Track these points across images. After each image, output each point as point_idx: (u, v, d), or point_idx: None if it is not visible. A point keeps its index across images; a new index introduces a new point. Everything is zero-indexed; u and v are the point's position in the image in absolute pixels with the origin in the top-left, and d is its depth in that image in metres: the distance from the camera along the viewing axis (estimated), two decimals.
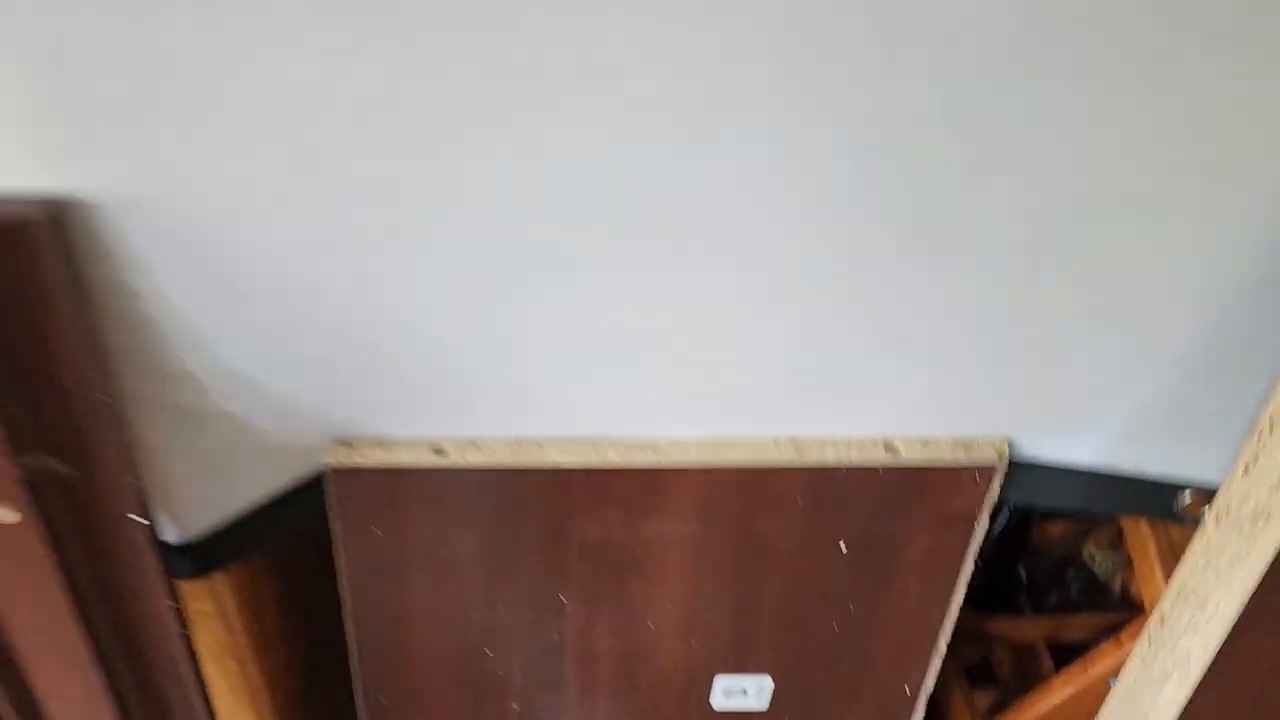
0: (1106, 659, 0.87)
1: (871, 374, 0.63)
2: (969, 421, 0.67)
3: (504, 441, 0.65)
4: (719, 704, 0.79)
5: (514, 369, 0.61)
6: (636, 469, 0.66)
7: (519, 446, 0.65)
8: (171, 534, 0.59)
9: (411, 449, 0.65)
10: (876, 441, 0.67)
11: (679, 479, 0.67)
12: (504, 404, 0.63)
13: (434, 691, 0.76)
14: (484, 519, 0.67)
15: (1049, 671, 1.07)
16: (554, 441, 0.66)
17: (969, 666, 1.08)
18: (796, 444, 0.67)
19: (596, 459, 0.66)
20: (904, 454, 0.67)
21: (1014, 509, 1.04)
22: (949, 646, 0.78)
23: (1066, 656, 0.95)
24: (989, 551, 0.96)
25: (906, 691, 0.80)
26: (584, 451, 0.66)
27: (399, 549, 0.68)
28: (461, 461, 0.65)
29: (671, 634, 0.74)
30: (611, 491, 0.67)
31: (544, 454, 0.65)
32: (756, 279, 0.56)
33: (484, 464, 0.65)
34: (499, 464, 0.65)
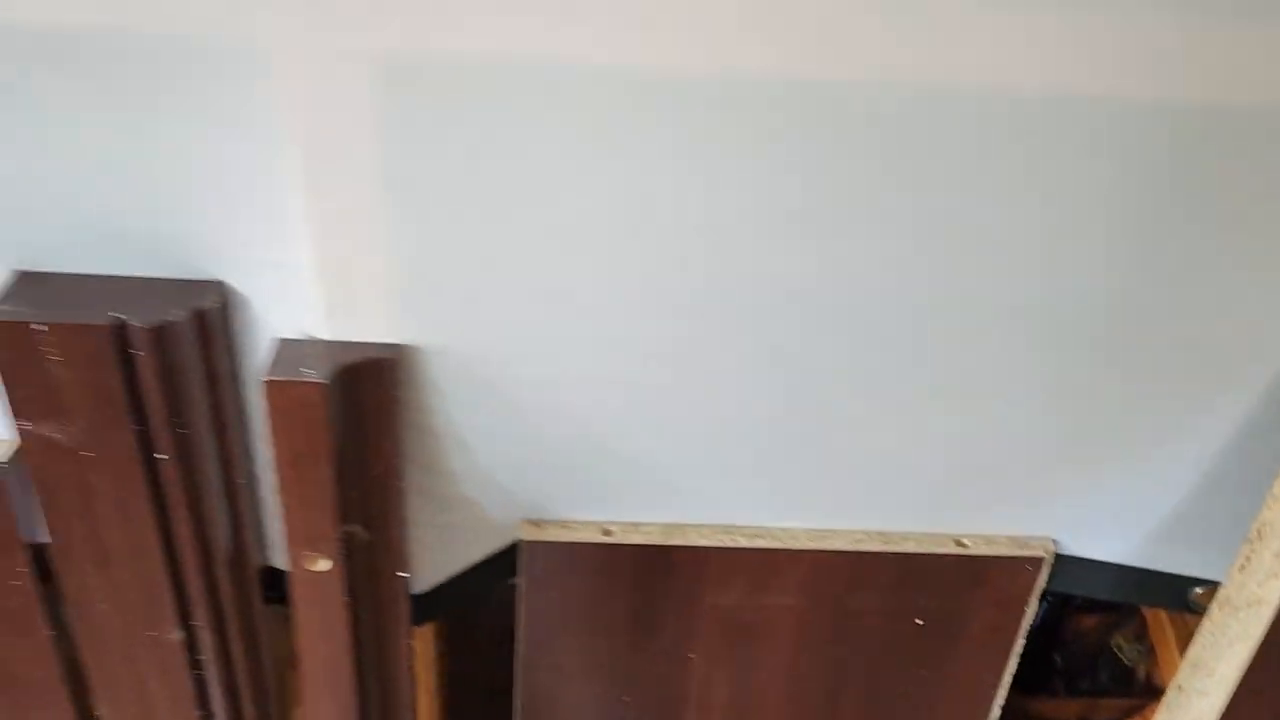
0: None
1: (950, 485, 0.81)
2: (1024, 523, 0.85)
3: (657, 525, 0.83)
4: None
5: (674, 474, 0.79)
6: (758, 549, 0.84)
7: (669, 529, 0.83)
8: (414, 587, 0.77)
9: (586, 529, 0.83)
10: (949, 537, 0.85)
11: (791, 560, 0.84)
12: (659, 498, 0.81)
13: None
14: (637, 586, 0.85)
15: None
16: (695, 526, 0.83)
17: None
18: (884, 536, 0.84)
19: (728, 541, 0.83)
20: (970, 548, 0.84)
21: (1051, 602, 1.21)
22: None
23: None
24: (1029, 640, 1.12)
25: None
26: (718, 535, 0.83)
27: (568, 608, 0.85)
28: (624, 540, 0.83)
29: (775, 690, 0.91)
30: (737, 568, 0.84)
31: (687, 536, 0.83)
32: (872, 406, 0.74)
33: (641, 542, 0.83)
34: (652, 542, 0.83)
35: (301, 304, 0.64)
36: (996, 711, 0.94)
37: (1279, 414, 0.74)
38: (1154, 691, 1.25)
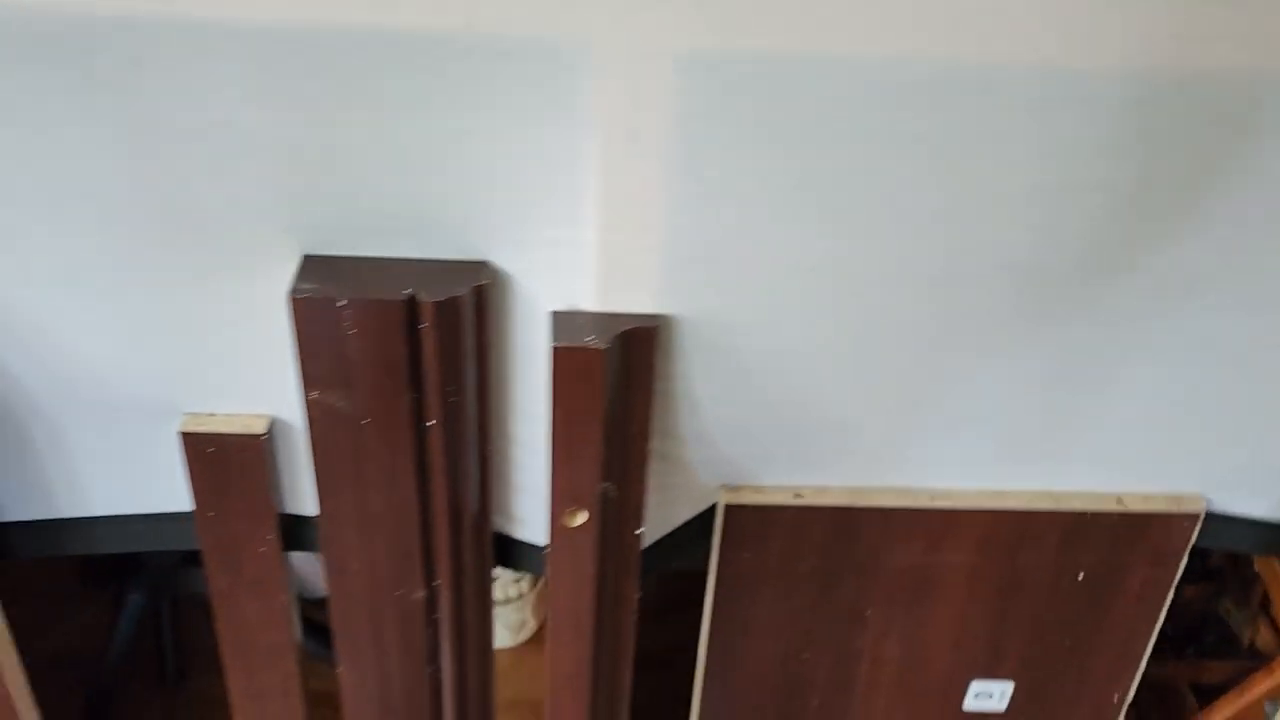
0: (1261, 684, 1.09)
1: (1113, 445, 0.88)
2: (1179, 481, 0.91)
3: (844, 489, 0.90)
4: (968, 705, 1.02)
5: (867, 439, 0.85)
6: (938, 510, 0.90)
7: (855, 492, 0.90)
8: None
9: (779, 493, 0.89)
10: (1110, 496, 0.91)
11: (967, 519, 0.90)
12: (849, 462, 0.88)
13: (757, 688, 0.99)
14: (823, 547, 0.91)
15: (1192, 708, 1.29)
16: (879, 489, 0.90)
17: None
18: (1053, 495, 0.91)
19: (910, 502, 0.90)
20: (1129, 506, 0.91)
21: None
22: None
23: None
24: None
25: (1115, 699, 1.02)
26: (901, 497, 0.90)
27: (758, 569, 0.91)
28: (814, 503, 0.89)
29: (944, 645, 0.97)
30: (917, 527, 0.91)
31: (871, 498, 0.89)
32: (1060, 374, 0.80)
33: (829, 504, 0.89)
34: (840, 504, 0.89)
35: (573, 279, 0.70)
36: (1144, 662, 1.00)
37: None
38: (1258, 656, 1.32)
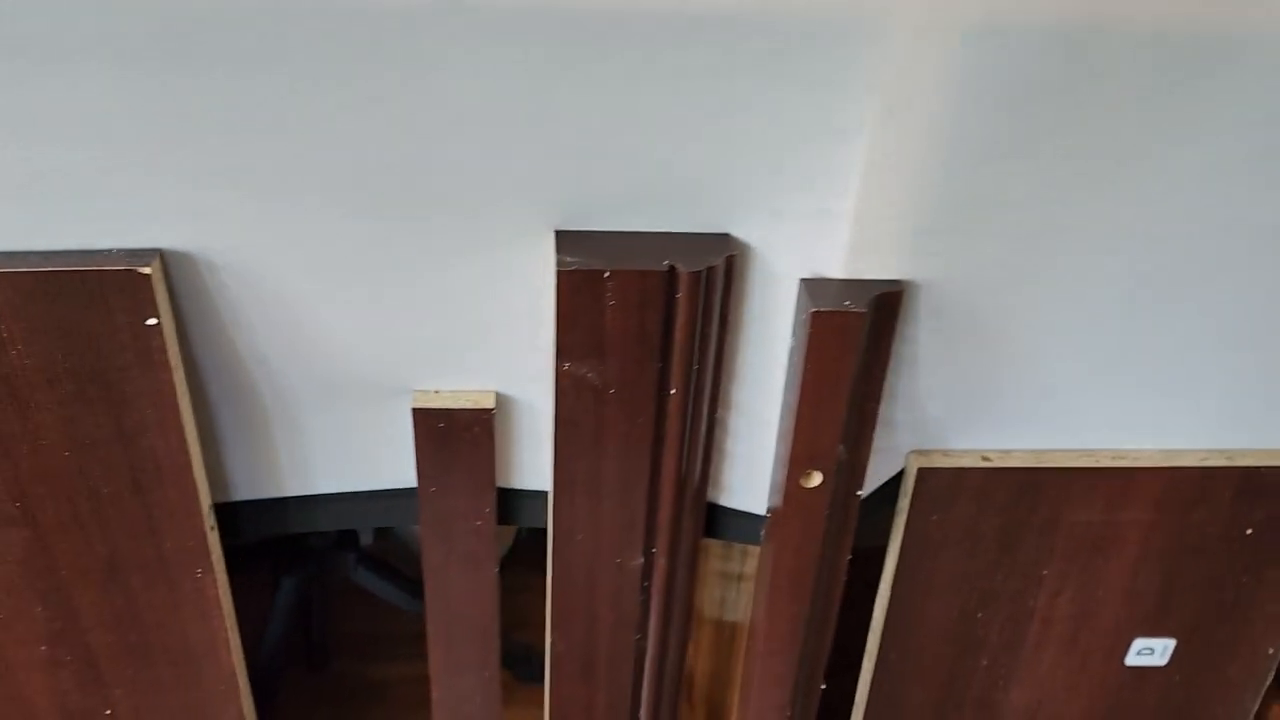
0: None
1: None
2: None
3: (1029, 451, 0.92)
4: (1130, 661, 1.04)
5: (1059, 402, 0.88)
6: (1118, 469, 0.93)
7: (1039, 454, 0.92)
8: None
9: (967, 456, 0.91)
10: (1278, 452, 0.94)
11: (1146, 477, 0.93)
12: (1034, 429, 0.90)
13: (930, 650, 1.01)
14: (1006, 508, 0.93)
15: None
16: (1062, 451, 0.92)
17: None
18: (1226, 453, 0.94)
19: (1091, 463, 0.92)
20: None
21: None
22: None
23: None
24: None
25: (1270, 652, 1.05)
26: (1082, 457, 0.92)
27: (944, 530, 0.94)
28: (1000, 465, 0.91)
29: (1113, 602, 1.00)
30: (1097, 487, 0.93)
31: (1055, 459, 0.92)
32: (1239, 329, 0.83)
33: (1015, 466, 0.91)
34: (1025, 466, 0.92)
35: (819, 247, 0.72)
36: None
37: None
38: None
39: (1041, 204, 0.70)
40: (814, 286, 0.72)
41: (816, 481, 0.77)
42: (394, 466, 0.84)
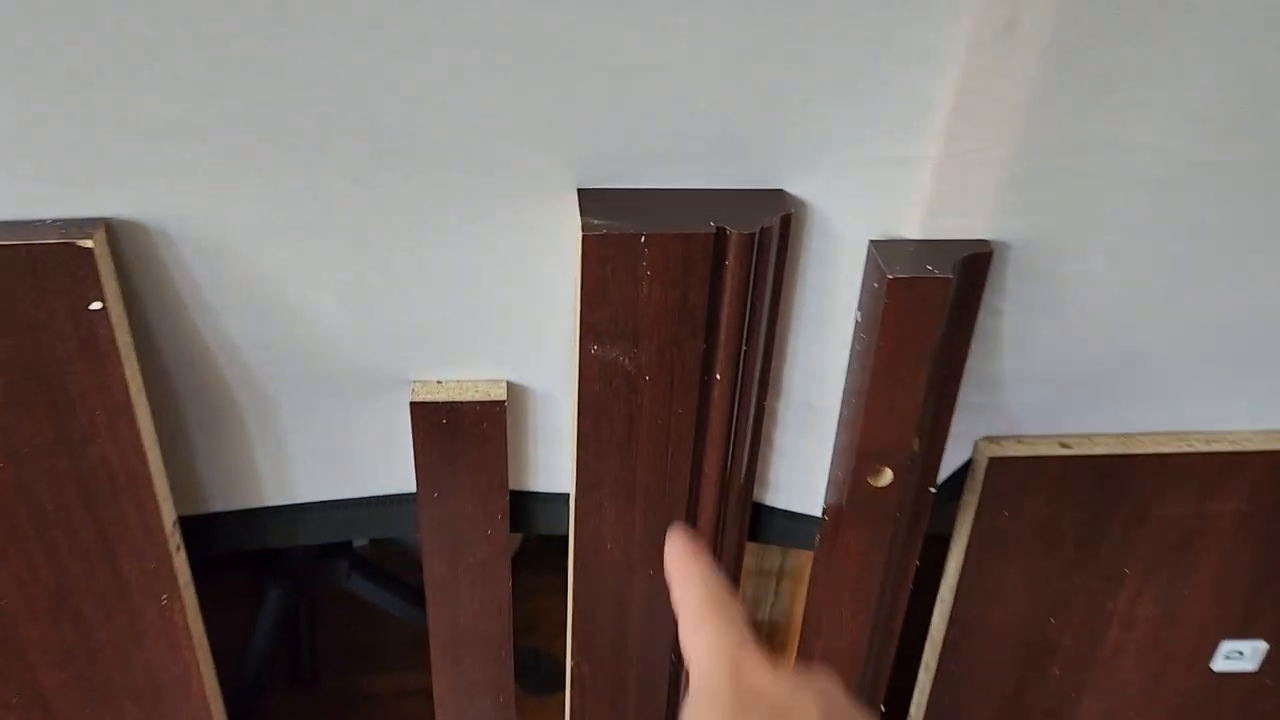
0: None
1: None
2: None
3: (1113, 436, 0.81)
4: (1217, 666, 0.94)
5: (1146, 380, 0.77)
6: (1213, 453, 0.82)
7: (1125, 439, 0.81)
8: None
9: (1043, 443, 0.80)
10: None
11: (1244, 462, 0.82)
12: (1117, 411, 0.79)
13: (995, 658, 0.90)
14: (1087, 500, 0.82)
15: None
16: (1150, 435, 0.81)
17: None
18: None
19: (1183, 447, 0.81)
20: None
21: None
22: None
23: None
24: None
25: None
26: (1174, 441, 0.81)
27: (1016, 525, 0.83)
28: (1081, 452, 0.80)
29: (1200, 602, 0.89)
30: (1189, 474, 0.82)
31: (1143, 444, 0.81)
32: None
33: (1099, 453, 0.80)
34: (1110, 453, 0.80)
35: (892, 203, 0.61)
36: None
37: None
38: None
39: (1165, 146, 0.59)
40: (887, 249, 0.61)
41: (887, 480, 0.66)
42: (389, 470, 0.73)
